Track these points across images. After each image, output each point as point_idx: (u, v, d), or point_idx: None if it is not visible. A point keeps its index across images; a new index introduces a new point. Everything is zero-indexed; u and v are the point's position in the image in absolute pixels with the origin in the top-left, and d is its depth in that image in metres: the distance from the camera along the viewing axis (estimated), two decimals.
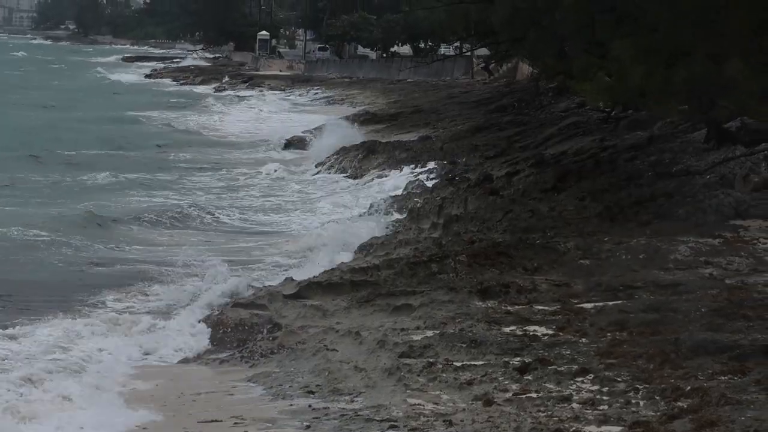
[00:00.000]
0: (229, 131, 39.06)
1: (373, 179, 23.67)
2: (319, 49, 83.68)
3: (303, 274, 12.59)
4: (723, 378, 7.58)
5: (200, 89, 65.33)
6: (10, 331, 10.70)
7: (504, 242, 12.77)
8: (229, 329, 10.73)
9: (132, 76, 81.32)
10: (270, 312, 10.99)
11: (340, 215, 19.11)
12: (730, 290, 10.00)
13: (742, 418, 6.68)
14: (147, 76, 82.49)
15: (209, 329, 10.78)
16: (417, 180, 21.07)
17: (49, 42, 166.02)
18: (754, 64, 10.44)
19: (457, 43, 44.28)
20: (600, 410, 7.21)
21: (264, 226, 19.32)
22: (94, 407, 8.28)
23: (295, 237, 17.57)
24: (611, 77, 12.87)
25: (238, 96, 57.40)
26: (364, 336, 9.57)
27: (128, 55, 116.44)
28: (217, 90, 63.66)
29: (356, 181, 24.36)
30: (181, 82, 73.30)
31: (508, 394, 7.66)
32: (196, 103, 53.33)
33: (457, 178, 19.97)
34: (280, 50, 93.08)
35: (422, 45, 67.48)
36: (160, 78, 79.55)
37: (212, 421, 7.96)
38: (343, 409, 7.79)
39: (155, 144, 33.49)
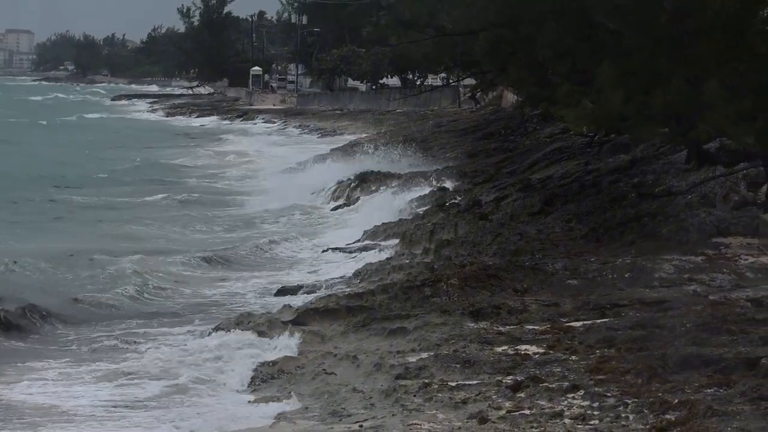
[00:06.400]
0: None
1: None
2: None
3: None
4: (709, 390, 7.71)
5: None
6: None
7: (494, 265, 12.94)
8: None
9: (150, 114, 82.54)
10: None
11: None
12: (713, 306, 10.20)
13: (729, 429, 6.83)
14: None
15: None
16: None
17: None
18: (730, 87, 10.74)
19: (444, 74, 44.61)
20: (591, 425, 7.32)
21: None
22: None
23: None
24: (593, 103, 13.16)
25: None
26: (362, 359, 9.74)
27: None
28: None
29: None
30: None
31: (502, 412, 7.76)
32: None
33: (447, 204, 20.24)
34: (273, 84, 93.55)
35: (410, 76, 67.86)
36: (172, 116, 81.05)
37: None
38: (343, 430, 7.90)
39: None
